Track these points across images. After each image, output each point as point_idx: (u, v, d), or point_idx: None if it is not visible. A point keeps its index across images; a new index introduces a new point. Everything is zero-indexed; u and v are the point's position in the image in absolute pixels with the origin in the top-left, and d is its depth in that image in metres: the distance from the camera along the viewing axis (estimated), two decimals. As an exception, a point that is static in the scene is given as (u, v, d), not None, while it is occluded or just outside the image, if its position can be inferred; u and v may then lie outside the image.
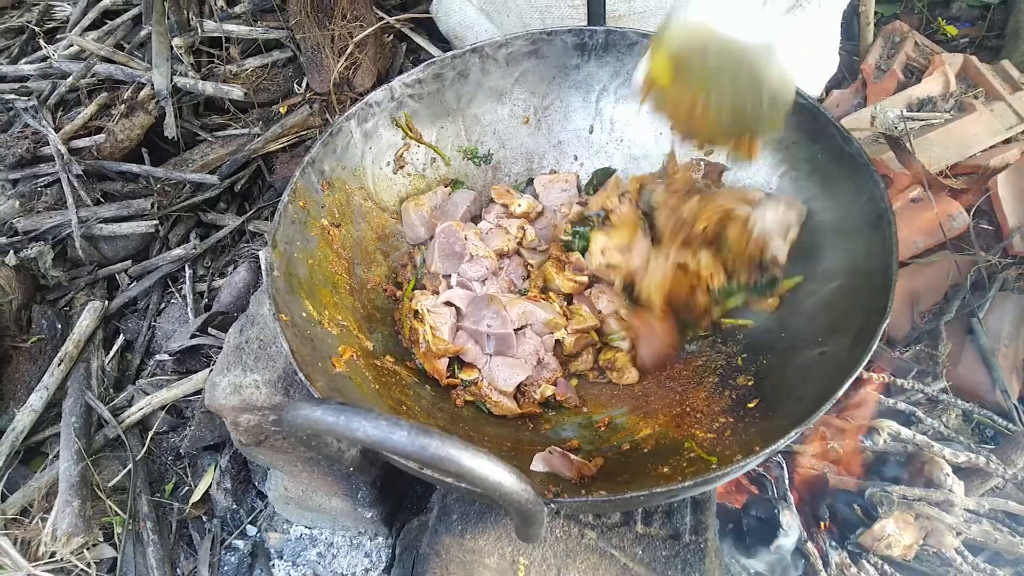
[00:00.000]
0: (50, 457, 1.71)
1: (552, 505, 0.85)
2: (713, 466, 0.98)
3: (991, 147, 2.05)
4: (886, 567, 1.36)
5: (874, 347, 0.94)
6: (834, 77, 2.17)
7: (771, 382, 1.13)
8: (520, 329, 1.28)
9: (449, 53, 1.41)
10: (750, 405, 1.10)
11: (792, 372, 1.11)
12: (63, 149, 2.01)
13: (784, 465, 1.41)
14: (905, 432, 1.45)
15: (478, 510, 1.18)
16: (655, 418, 1.17)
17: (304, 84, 2.27)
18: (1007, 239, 1.90)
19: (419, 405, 1.19)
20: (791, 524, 1.34)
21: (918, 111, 2.15)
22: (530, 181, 1.53)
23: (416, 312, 1.29)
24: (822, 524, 1.38)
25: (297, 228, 1.22)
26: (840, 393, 0.91)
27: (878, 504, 1.37)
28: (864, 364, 0.93)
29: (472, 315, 1.28)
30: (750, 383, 1.16)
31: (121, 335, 1.95)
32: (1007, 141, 2.06)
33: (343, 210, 1.34)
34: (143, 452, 1.72)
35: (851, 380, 0.92)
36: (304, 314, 1.15)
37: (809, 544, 1.37)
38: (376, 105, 1.37)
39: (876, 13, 2.42)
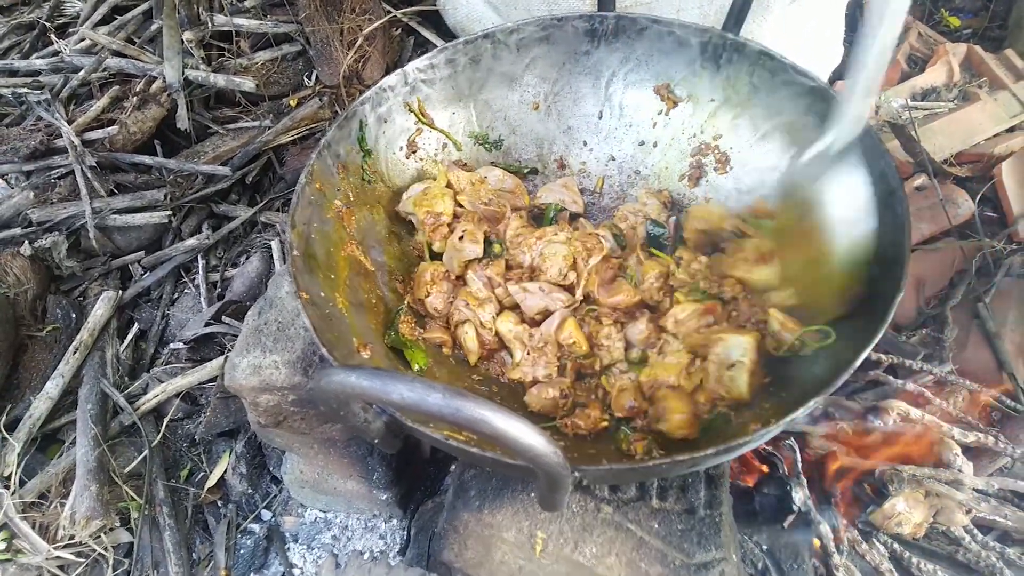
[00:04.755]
0: (66, 444, 1.72)
1: (576, 473, 0.86)
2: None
3: (995, 135, 2.07)
4: (896, 546, 1.38)
5: (889, 320, 0.95)
6: (838, 68, 2.18)
7: (785, 359, 1.14)
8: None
9: (461, 39, 1.42)
10: (764, 380, 1.12)
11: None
12: (76, 141, 2.03)
13: (796, 445, 1.43)
14: (915, 412, 1.47)
15: (495, 486, 1.20)
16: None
17: (314, 77, 2.29)
18: (1012, 225, 1.92)
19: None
20: (803, 502, 1.35)
21: (922, 100, 2.17)
22: (535, 171, 1.55)
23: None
24: (833, 502, 1.40)
25: (314, 210, 1.24)
26: (856, 365, 0.92)
27: (888, 482, 1.39)
28: (879, 336, 0.94)
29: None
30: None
31: (135, 324, 1.97)
32: (1011, 129, 2.08)
33: (358, 193, 1.36)
34: (158, 438, 1.74)
35: (866, 353, 0.94)
36: (323, 293, 1.16)
37: (821, 524, 1.39)
38: (390, 90, 1.39)
39: (880, 5, 2.43)
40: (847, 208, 1.08)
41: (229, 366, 1.32)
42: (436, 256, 1.39)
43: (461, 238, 1.33)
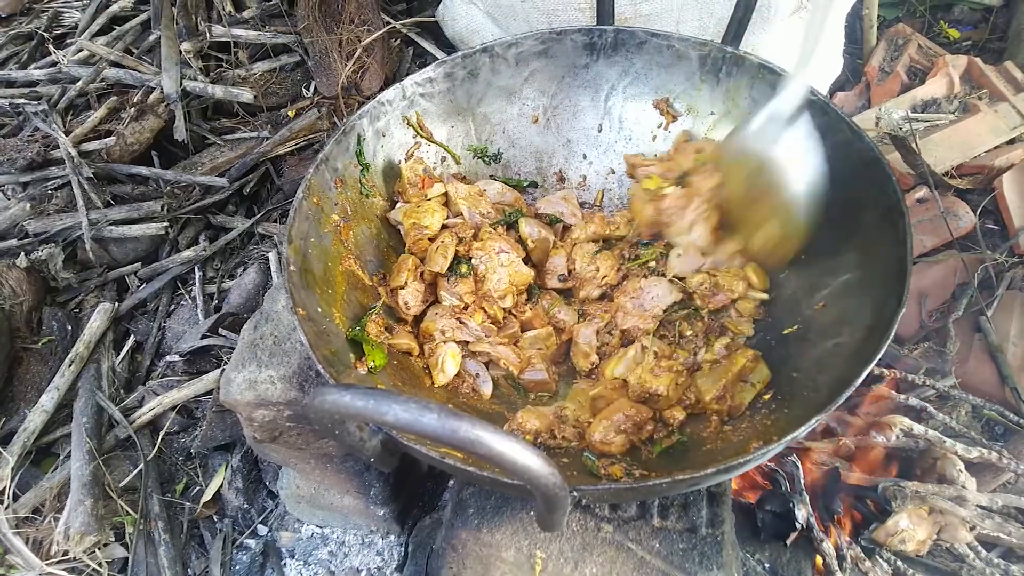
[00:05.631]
0: (61, 457, 1.71)
1: (575, 493, 0.85)
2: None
3: (995, 148, 2.07)
4: (899, 563, 1.36)
5: (891, 336, 0.94)
6: (838, 79, 2.18)
7: (786, 374, 1.13)
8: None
9: (460, 52, 1.42)
10: (766, 397, 1.11)
11: (806, 364, 1.11)
12: (73, 152, 2.02)
13: (798, 461, 1.41)
14: (917, 428, 1.45)
15: (494, 504, 1.18)
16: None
17: (312, 88, 2.29)
18: (1013, 238, 1.91)
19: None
20: (806, 519, 1.33)
21: (923, 112, 2.17)
22: (534, 184, 1.54)
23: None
24: (836, 519, 1.38)
25: (311, 225, 1.23)
26: (858, 382, 0.91)
27: (891, 499, 1.37)
28: (882, 353, 0.93)
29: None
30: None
31: (131, 336, 1.95)
32: (1011, 141, 2.08)
33: (356, 208, 1.35)
34: (154, 452, 1.72)
35: (869, 369, 0.93)
36: (319, 309, 1.15)
37: (824, 541, 1.37)
38: (388, 103, 1.38)
39: (879, 16, 2.44)
40: (799, 169, 1.14)
41: (224, 381, 1.31)
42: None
43: (437, 248, 1.33)
